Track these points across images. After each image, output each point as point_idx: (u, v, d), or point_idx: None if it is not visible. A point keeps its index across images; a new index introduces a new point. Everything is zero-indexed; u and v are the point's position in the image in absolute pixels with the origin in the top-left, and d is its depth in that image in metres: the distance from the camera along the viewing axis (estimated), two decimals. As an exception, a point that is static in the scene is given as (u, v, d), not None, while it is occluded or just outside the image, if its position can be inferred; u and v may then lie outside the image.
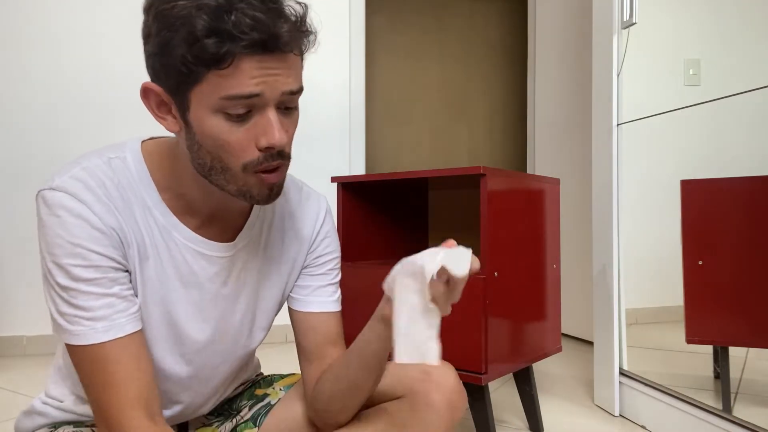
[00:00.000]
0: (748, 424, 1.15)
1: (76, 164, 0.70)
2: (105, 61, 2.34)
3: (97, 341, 0.67)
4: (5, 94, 2.26)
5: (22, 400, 1.69)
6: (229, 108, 0.62)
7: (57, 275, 0.66)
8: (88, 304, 0.67)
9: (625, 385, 1.53)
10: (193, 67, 0.61)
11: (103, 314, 0.67)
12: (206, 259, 0.76)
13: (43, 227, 0.67)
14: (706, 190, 1.29)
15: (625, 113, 1.53)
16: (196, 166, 0.69)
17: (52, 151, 2.30)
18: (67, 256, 0.66)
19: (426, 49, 3.51)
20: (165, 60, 0.62)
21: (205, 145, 0.66)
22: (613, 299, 1.54)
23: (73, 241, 0.66)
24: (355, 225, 1.40)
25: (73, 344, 0.67)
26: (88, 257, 0.67)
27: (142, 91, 0.67)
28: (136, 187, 0.71)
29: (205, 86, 0.62)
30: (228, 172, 0.67)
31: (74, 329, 0.67)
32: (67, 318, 0.67)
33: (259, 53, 0.61)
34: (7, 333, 2.26)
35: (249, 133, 0.64)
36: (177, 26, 0.60)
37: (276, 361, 2.13)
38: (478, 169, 1.11)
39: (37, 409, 0.86)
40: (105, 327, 0.67)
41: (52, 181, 0.68)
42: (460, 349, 1.13)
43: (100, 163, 0.70)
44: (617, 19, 1.52)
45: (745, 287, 1.19)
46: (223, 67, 0.60)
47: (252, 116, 0.64)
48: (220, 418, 0.95)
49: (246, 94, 0.62)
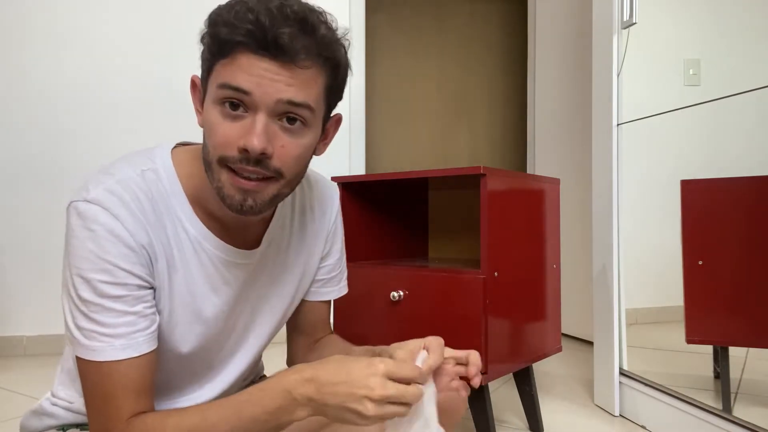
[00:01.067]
0: (748, 424, 1.15)
1: (109, 175, 0.69)
2: (105, 62, 2.34)
3: (112, 359, 0.67)
4: (5, 94, 2.26)
5: (22, 400, 1.69)
6: (221, 96, 0.63)
7: (81, 289, 0.66)
8: (109, 321, 0.67)
9: (625, 385, 1.53)
10: (209, 57, 0.65)
11: (122, 332, 0.67)
12: (237, 267, 0.77)
13: (73, 238, 0.67)
14: (706, 190, 1.29)
15: (625, 113, 1.53)
16: (204, 165, 0.69)
17: (52, 152, 2.30)
18: (95, 271, 0.66)
19: (426, 48, 3.51)
20: (202, 52, 0.66)
21: (205, 136, 0.67)
22: (613, 299, 1.54)
23: (104, 257, 0.66)
24: (355, 225, 1.40)
25: (85, 358, 0.67)
26: (117, 274, 0.67)
27: (191, 83, 0.70)
28: (168, 200, 0.71)
29: (213, 76, 0.65)
30: (210, 166, 0.67)
31: (90, 344, 0.66)
32: (84, 332, 0.67)
33: (259, 53, 0.62)
34: (7, 333, 2.26)
35: (236, 130, 0.64)
36: (209, 22, 0.64)
37: (276, 361, 2.13)
38: (478, 169, 1.11)
39: (47, 411, 0.85)
40: (123, 345, 0.67)
41: (86, 192, 0.67)
42: (459, 348, 1.13)
43: (133, 176, 0.70)
44: (617, 19, 1.52)
45: (745, 287, 1.19)
46: (225, 56, 0.63)
47: (245, 116, 0.64)
48: None
49: (234, 85, 0.62)
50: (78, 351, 0.68)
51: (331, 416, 0.64)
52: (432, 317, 1.16)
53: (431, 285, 1.16)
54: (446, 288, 1.14)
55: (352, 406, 0.61)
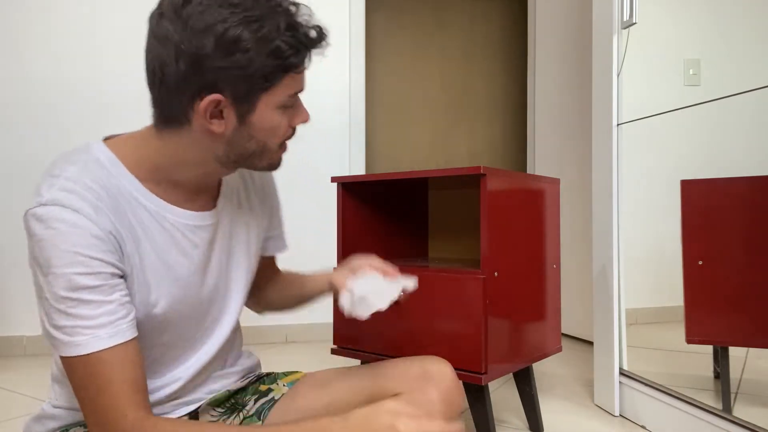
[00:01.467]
0: (748, 424, 1.15)
1: (55, 177, 0.72)
2: (106, 62, 2.34)
3: (99, 348, 0.68)
4: (4, 94, 2.27)
5: (22, 400, 1.69)
6: (290, 102, 0.77)
7: (56, 286, 0.68)
8: (89, 313, 0.68)
9: (625, 385, 1.53)
10: (275, 75, 0.73)
11: (104, 321, 0.69)
12: (201, 229, 0.83)
13: (38, 243, 0.68)
14: (707, 190, 1.29)
15: (625, 113, 1.53)
16: (232, 156, 0.78)
17: (52, 152, 2.30)
18: (67, 265, 0.67)
19: (426, 48, 3.51)
20: (238, 72, 0.70)
21: (257, 136, 0.77)
22: (613, 299, 1.54)
23: (74, 250, 0.68)
24: (355, 225, 1.40)
25: (71, 355, 0.68)
26: (90, 264, 0.69)
27: (211, 102, 0.73)
28: (119, 183, 0.75)
29: (279, 88, 0.74)
30: (267, 152, 0.79)
31: (73, 340, 0.68)
32: (66, 330, 0.68)
33: None
34: (7, 333, 2.26)
35: (287, 117, 0.78)
36: (254, 44, 0.70)
37: (276, 361, 2.14)
38: (478, 169, 1.11)
39: (48, 413, 0.86)
40: (108, 334, 0.69)
41: (40, 197, 0.70)
42: (459, 349, 1.13)
43: (78, 169, 0.73)
44: (617, 19, 1.52)
45: (746, 287, 1.19)
46: (299, 71, 0.76)
47: None
48: (227, 413, 0.96)
49: (302, 88, 0.78)
50: (62, 351, 0.69)
51: None
52: (432, 317, 1.16)
53: (431, 285, 1.16)
54: (446, 288, 1.14)
55: None
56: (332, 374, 1.00)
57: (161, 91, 0.74)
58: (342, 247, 1.36)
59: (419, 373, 0.91)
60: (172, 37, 0.69)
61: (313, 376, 1.02)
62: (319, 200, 2.57)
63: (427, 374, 0.91)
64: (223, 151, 0.77)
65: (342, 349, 1.31)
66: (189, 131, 0.75)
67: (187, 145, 0.77)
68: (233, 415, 0.96)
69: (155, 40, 0.72)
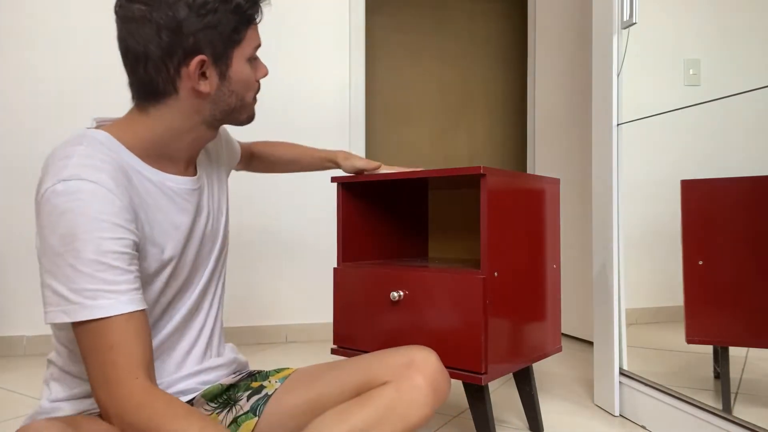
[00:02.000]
0: (748, 424, 1.15)
1: (67, 158, 0.77)
2: (106, 62, 2.34)
3: (119, 312, 0.74)
4: (6, 94, 2.27)
5: (22, 400, 1.69)
6: (253, 55, 0.90)
7: (85, 251, 0.73)
8: (113, 278, 0.74)
9: (625, 385, 1.53)
10: (238, 29, 0.85)
11: (125, 289, 0.75)
12: (193, 192, 0.95)
13: (61, 215, 0.73)
14: (707, 190, 1.29)
15: (625, 113, 1.53)
16: (217, 114, 0.89)
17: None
18: (96, 230, 0.73)
19: (426, 48, 3.51)
20: (213, 32, 0.82)
21: (236, 90, 0.89)
22: (613, 299, 1.54)
23: (100, 217, 0.74)
24: (355, 225, 1.40)
25: (90, 318, 0.73)
26: (115, 231, 0.76)
27: (196, 64, 0.83)
28: (121, 159, 0.83)
29: (246, 42, 0.87)
30: (245, 106, 0.92)
31: (96, 303, 0.73)
32: (88, 294, 0.73)
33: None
34: (7, 333, 2.26)
35: (253, 71, 0.91)
36: (219, 3, 0.82)
37: (276, 361, 2.14)
38: (478, 169, 1.11)
39: (46, 408, 0.89)
40: (128, 300, 0.75)
41: (57, 176, 0.75)
42: (459, 349, 1.13)
43: (87, 149, 0.79)
44: (617, 19, 1.52)
45: (746, 287, 1.19)
46: (252, 24, 0.88)
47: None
48: (220, 408, 1.00)
49: (260, 43, 0.91)
50: (80, 315, 0.73)
51: None
52: (432, 317, 1.16)
53: (431, 285, 1.16)
54: (446, 288, 1.14)
55: None
56: (322, 368, 1.03)
57: (147, 69, 0.82)
58: (342, 246, 1.36)
59: (405, 361, 0.95)
60: (148, 16, 0.79)
61: (304, 371, 1.05)
62: (319, 200, 2.57)
63: (412, 362, 0.94)
64: (210, 111, 0.88)
65: (342, 349, 1.31)
66: (176, 100, 0.85)
67: (175, 114, 0.86)
68: (226, 409, 1.00)
69: (131, 24, 0.80)
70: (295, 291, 2.53)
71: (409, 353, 0.97)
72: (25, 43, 2.28)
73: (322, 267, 2.57)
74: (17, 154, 2.27)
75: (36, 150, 2.29)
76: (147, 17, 0.79)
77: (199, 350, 0.99)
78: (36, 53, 2.29)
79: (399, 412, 0.88)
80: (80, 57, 2.33)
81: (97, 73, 2.33)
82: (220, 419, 0.99)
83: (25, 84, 2.28)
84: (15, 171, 2.27)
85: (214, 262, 1.03)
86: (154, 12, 0.79)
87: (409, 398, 0.90)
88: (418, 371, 0.93)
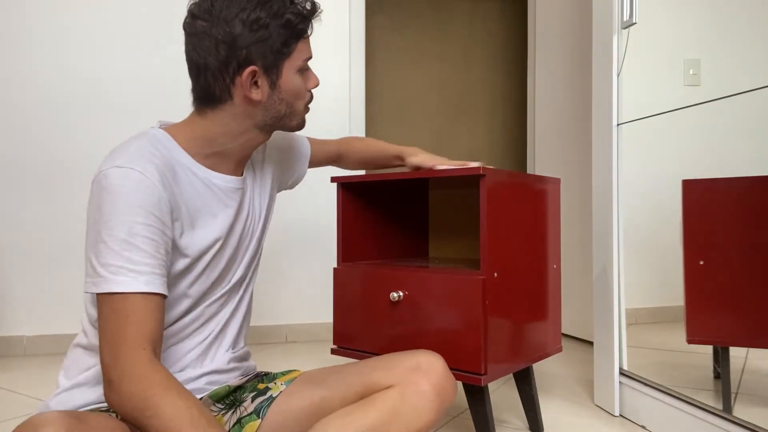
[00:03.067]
0: (749, 424, 1.15)
1: (125, 149, 0.87)
2: (106, 62, 2.34)
3: (135, 290, 0.80)
4: (6, 94, 2.27)
5: (22, 400, 1.69)
6: (304, 66, 0.96)
7: (118, 230, 0.81)
8: (136, 259, 0.81)
9: (625, 385, 1.53)
10: (289, 41, 0.92)
11: (145, 270, 0.82)
12: (237, 191, 1.02)
13: (108, 195, 0.82)
14: (708, 190, 1.29)
15: (625, 113, 1.53)
16: (268, 120, 0.97)
17: (52, 152, 2.30)
18: (131, 214, 0.81)
19: (426, 49, 3.51)
20: (264, 45, 0.90)
21: (286, 99, 0.96)
22: (613, 299, 1.54)
23: (138, 204, 0.82)
24: (355, 225, 1.40)
25: (109, 291, 0.80)
26: (149, 218, 0.83)
27: (250, 73, 0.91)
28: (173, 155, 0.92)
29: (296, 53, 0.94)
30: (295, 113, 0.99)
31: (116, 278, 0.80)
32: (111, 269, 0.80)
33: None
34: (7, 333, 2.26)
35: (304, 81, 0.98)
36: (270, 19, 0.90)
37: (276, 361, 2.14)
38: (478, 169, 1.11)
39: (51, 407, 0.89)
40: (146, 281, 0.81)
41: (112, 162, 0.84)
42: (459, 349, 1.13)
43: (144, 143, 0.89)
44: (617, 19, 1.52)
45: (747, 287, 1.19)
46: (304, 38, 0.95)
47: None
48: (226, 408, 1.01)
49: (311, 55, 0.97)
50: (102, 287, 0.80)
51: None
52: (432, 317, 1.16)
53: (431, 285, 1.16)
54: (446, 288, 1.14)
55: None
56: (327, 371, 1.04)
57: (207, 78, 0.91)
58: (342, 246, 1.36)
59: (410, 366, 0.95)
60: (209, 32, 0.88)
61: (309, 374, 1.06)
62: (319, 200, 2.57)
63: (418, 367, 0.95)
64: (261, 117, 0.96)
65: (342, 349, 1.31)
66: (231, 105, 0.93)
67: (230, 118, 0.94)
68: (231, 410, 1.00)
69: (195, 38, 0.90)
70: (296, 291, 2.53)
71: (414, 358, 0.97)
72: (25, 43, 2.28)
73: (322, 267, 2.57)
74: (18, 154, 2.27)
75: (36, 151, 2.28)
76: (207, 32, 0.89)
77: (211, 350, 1.01)
78: (36, 54, 2.29)
79: (403, 417, 0.88)
80: (81, 57, 2.33)
81: (97, 73, 2.33)
82: (225, 420, 0.99)
83: (25, 85, 2.28)
84: (14, 171, 2.27)
85: (245, 267, 1.07)
86: (214, 28, 0.88)
87: (413, 403, 0.90)
88: (423, 376, 0.93)
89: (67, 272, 2.30)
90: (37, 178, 2.28)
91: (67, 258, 2.30)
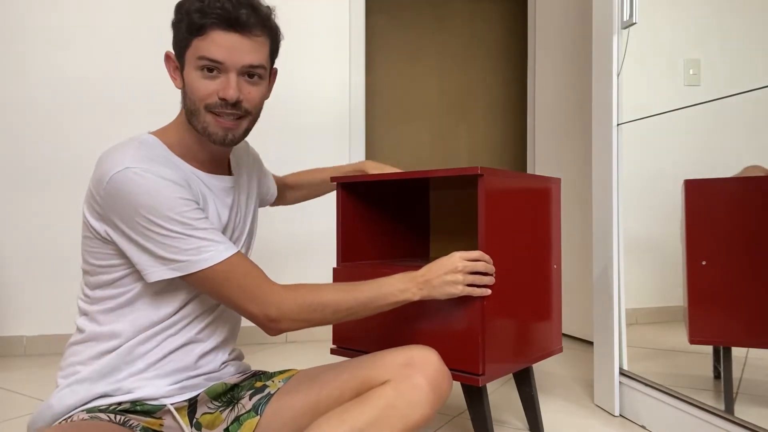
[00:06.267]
0: (749, 425, 1.15)
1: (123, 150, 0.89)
2: (106, 62, 2.34)
3: (226, 257, 0.88)
4: (6, 94, 2.27)
5: (22, 400, 1.69)
6: (201, 65, 0.92)
7: (171, 224, 0.86)
8: (204, 236, 0.88)
9: (625, 385, 1.53)
10: (187, 36, 0.92)
11: (218, 239, 0.90)
12: (231, 190, 1.06)
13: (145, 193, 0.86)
14: (710, 190, 1.29)
15: (625, 113, 1.53)
16: (187, 115, 0.96)
17: (53, 152, 2.30)
18: (175, 206, 0.87)
19: (426, 49, 3.51)
20: (176, 33, 0.94)
21: (189, 94, 0.94)
22: (613, 299, 1.54)
23: (174, 195, 0.87)
24: (355, 225, 1.40)
25: (205, 267, 0.87)
26: (186, 204, 0.88)
27: (165, 57, 0.99)
28: (169, 158, 0.95)
29: (191, 50, 0.92)
30: (197, 113, 0.94)
31: (202, 257, 0.87)
32: (192, 252, 0.87)
33: (225, 30, 0.90)
34: (7, 333, 2.26)
35: (215, 86, 0.93)
36: (182, 10, 0.92)
37: (276, 361, 2.14)
38: (476, 169, 1.11)
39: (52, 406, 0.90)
40: (225, 247, 0.89)
41: (122, 164, 0.86)
42: (458, 349, 1.13)
43: (137, 144, 0.91)
44: (617, 19, 1.52)
45: (749, 287, 1.19)
46: (200, 35, 0.91)
47: (219, 75, 0.93)
48: (223, 406, 1.01)
49: (210, 57, 0.91)
50: (195, 267, 0.87)
51: (438, 292, 1.01)
52: (430, 318, 1.16)
53: (431, 285, 1.16)
54: (446, 288, 1.14)
55: (450, 278, 1.01)
56: (323, 369, 1.05)
57: None
58: (342, 247, 1.36)
59: (405, 361, 0.95)
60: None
61: (306, 371, 1.07)
62: (319, 200, 2.57)
63: (412, 362, 0.95)
64: (186, 108, 0.96)
65: (341, 349, 1.31)
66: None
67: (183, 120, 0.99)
68: (229, 408, 1.01)
69: None
70: (295, 291, 2.53)
71: (408, 352, 0.97)
72: (25, 43, 2.28)
73: (322, 267, 2.57)
74: (18, 155, 2.27)
75: (36, 152, 2.28)
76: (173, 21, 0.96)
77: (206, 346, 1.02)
78: (36, 54, 2.29)
79: (399, 411, 0.88)
80: (81, 57, 2.33)
81: (97, 73, 2.33)
82: (223, 417, 1.00)
83: (26, 85, 2.28)
84: (14, 171, 2.27)
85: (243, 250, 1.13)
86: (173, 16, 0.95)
87: (408, 398, 0.90)
88: (417, 370, 0.93)
89: (67, 272, 2.30)
90: (37, 178, 2.28)
91: (67, 258, 2.30)
